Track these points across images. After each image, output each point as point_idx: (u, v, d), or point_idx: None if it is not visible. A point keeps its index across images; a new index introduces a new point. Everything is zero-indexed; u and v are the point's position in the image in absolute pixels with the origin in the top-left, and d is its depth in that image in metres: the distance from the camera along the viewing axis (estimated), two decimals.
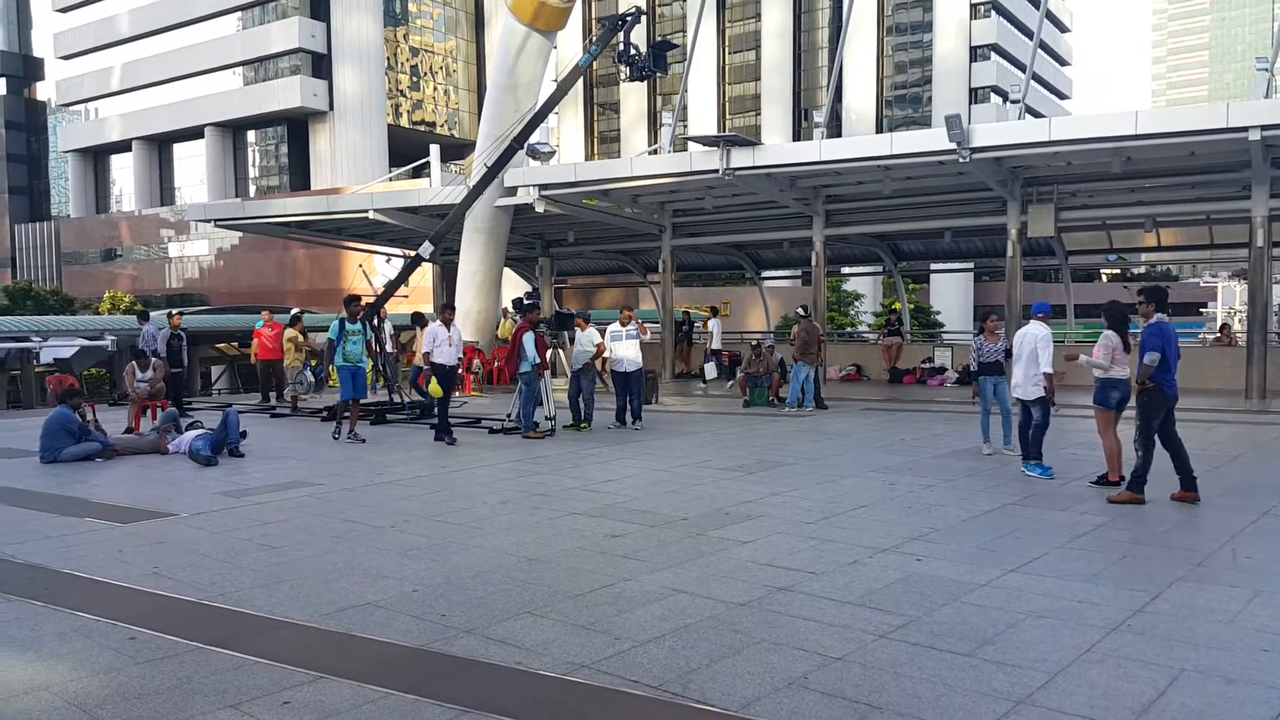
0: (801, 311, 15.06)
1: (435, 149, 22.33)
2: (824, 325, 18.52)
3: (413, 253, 16.71)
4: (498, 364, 18.58)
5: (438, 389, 11.34)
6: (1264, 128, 12.49)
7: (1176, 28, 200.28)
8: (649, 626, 4.50)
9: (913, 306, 35.08)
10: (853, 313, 47.09)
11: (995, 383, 9.96)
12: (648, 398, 14.20)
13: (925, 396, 16.77)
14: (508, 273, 23.47)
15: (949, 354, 20.15)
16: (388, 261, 27.10)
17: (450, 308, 12.53)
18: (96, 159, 72.97)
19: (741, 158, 15.77)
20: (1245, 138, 12.68)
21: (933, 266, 32.40)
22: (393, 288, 15.96)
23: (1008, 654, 4.13)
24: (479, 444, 11.17)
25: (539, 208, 17.78)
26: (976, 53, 61.22)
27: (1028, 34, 61.74)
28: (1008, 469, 8.91)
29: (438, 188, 20.25)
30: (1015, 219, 16.80)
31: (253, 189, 63.93)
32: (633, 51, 16.39)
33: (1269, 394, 15.17)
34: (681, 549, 5.99)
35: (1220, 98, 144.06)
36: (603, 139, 74.35)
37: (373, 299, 15.20)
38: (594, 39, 16.98)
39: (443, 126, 69.48)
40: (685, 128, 59.71)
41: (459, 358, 11.78)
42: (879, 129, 60.12)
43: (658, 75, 17.21)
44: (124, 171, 71.32)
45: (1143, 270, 55.87)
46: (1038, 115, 52.15)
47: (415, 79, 68.21)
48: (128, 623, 4.62)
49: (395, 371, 15.61)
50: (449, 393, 11.54)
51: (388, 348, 15.18)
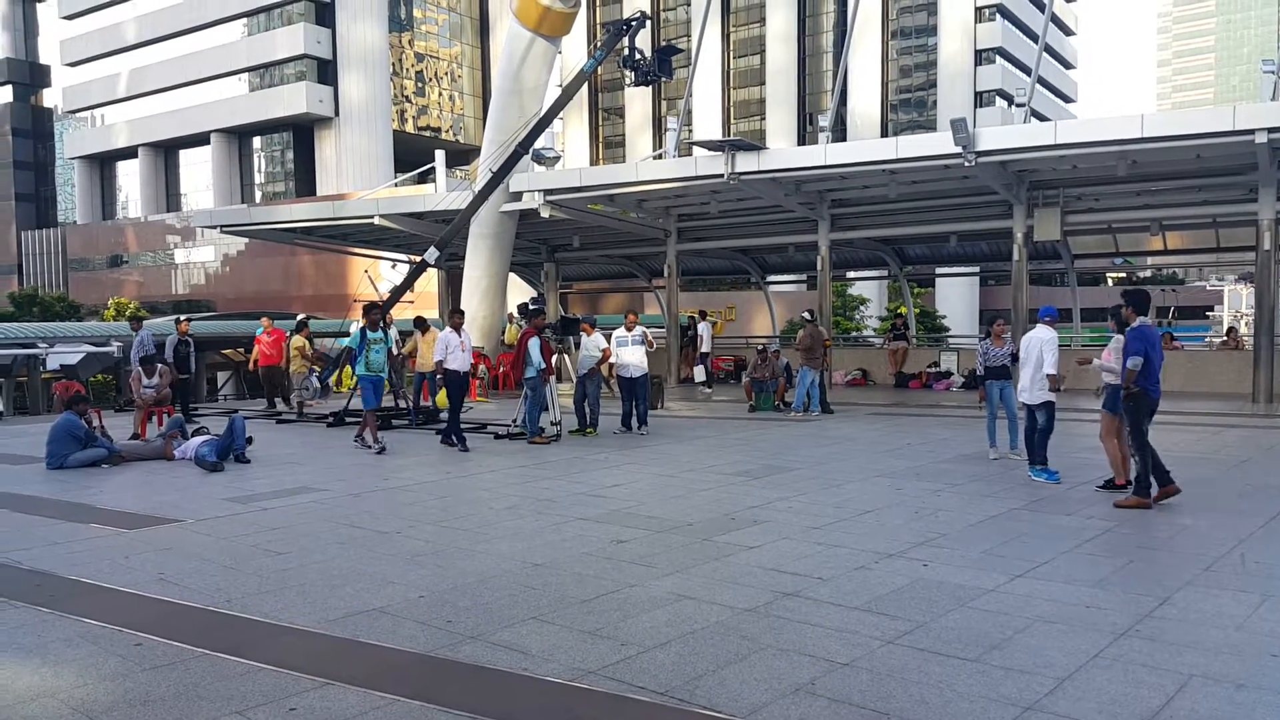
0: (807, 316, 15.06)
1: (440, 154, 22.43)
2: (829, 330, 18.50)
3: (418, 258, 16.76)
4: (503, 369, 18.60)
5: (443, 399, 11.30)
6: (1270, 130, 12.48)
7: (1182, 30, 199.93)
8: (655, 632, 4.49)
9: (918, 311, 35.00)
10: (858, 317, 47.03)
11: (1001, 387, 9.93)
12: (653, 403, 14.21)
13: (931, 401, 16.73)
14: (513, 278, 23.52)
15: (955, 358, 20.12)
16: (393, 267, 27.20)
17: (459, 313, 12.43)
18: (103, 165, 73.29)
19: (746, 162, 15.79)
20: (1252, 140, 12.67)
21: (938, 271, 32.37)
22: (398, 293, 16.00)
23: (1015, 660, 4.11)
24: (484, 449, 11.17)
25: (544, 213, 17.82)
26: (981, 56, 61.17)
27: (1032, 37, 61.72)
28: (1014, 473, 8.88)
29: (443, 193, 20.31)
30: (1021, 223, 16.78)
31: (259, 195, 64.14)
32: (637, 56, 16.43)
33: (1276, 398, 15.11)
34: (687, 554, 5.98)
35: (1226, 100, 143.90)
36: (608, 144, 74.45)
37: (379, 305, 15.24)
38: (599, 44, 17.02)
39: (448, 132, 69.66)
40: (690, 132, 59.69)
41: (470, 363, 11.75)
42: (884, 133, 60.08)
43: (662, 80, 17.23)
44: (130, 178, 71.60)
45: (1149, 274, 55.70)
46: (1043, 118, 52.26)
47: (420, 85, 68.41)
48: (133, 629, 4.63)
49: (401, 377, 15.64)
50: (461, 399, 11.52)
51: (393, 353, 15.20)
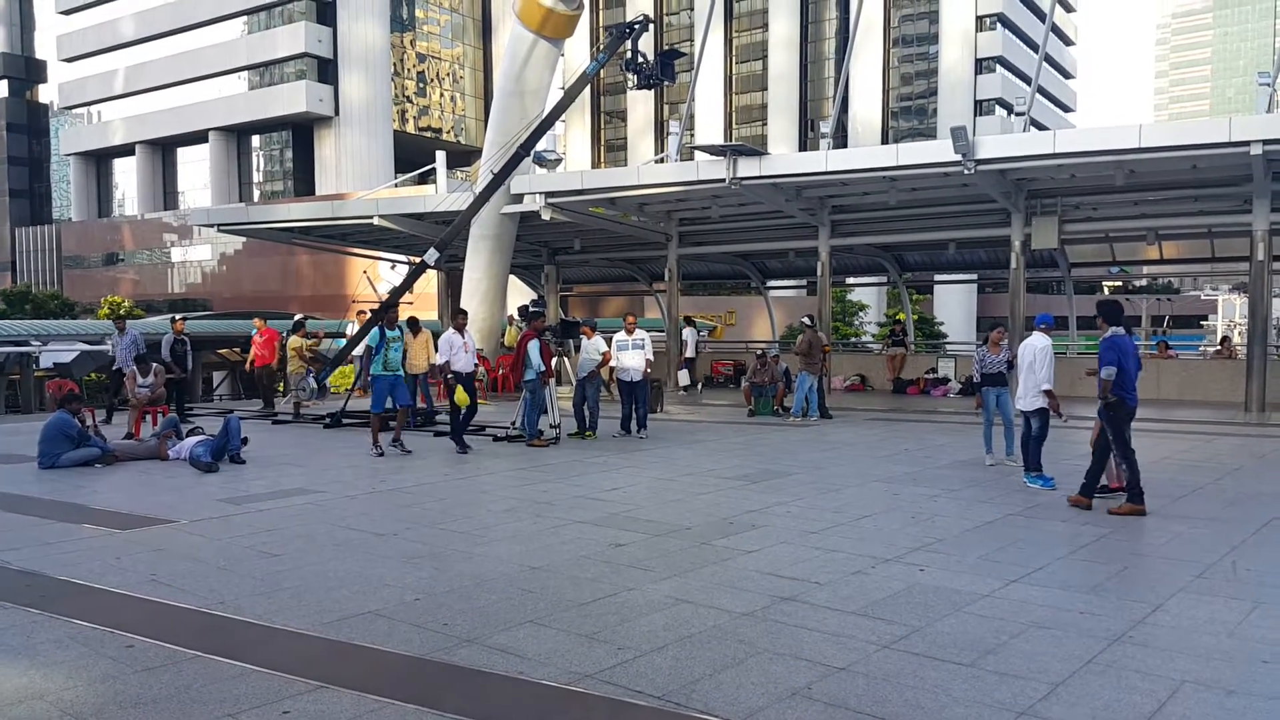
0: (807, 321, 15.08)
1: (441, 155, 22.39)
2: (829, 335, 18.53)
3: (418, 259, 16.73)
4: (502, 371, 18.58)
5: (464, 396, 11.21)
6: (1265, 142, 12.52)
7: (1180, 42, 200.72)
8: (652, 636, 4.49)
9: (916, 317, 35.07)
10: (857, 323, 47.12)
11: (998, 394, 9.96)
12: (653, 406, 14.20)
13: (929, 407, 16.76)
14: (513, 280, 23.50)
15: (952, 365, 20.14)
16: (393, 268, 27.14)
17: (463, 313, 12.35)
18: (99, 162, 73.12)
19: (748, 167, 15.80)
20: (1247, 152, 12.71)
21: (937, 278, 32.42)
22: (398, 294, 15.97)
23: (1010, 665, 4.12)
24: (483, 452, 11.15)
25: (545, 215, 17.81)
26: (982, 65, 61.40)
27: (1033, 46, 61.93)
28: (1010, 480, 8.90)
29: (443, 194, 20.29)
30: (1019, 231, 16.82)
31: (257, 194, 64.06)
32: (640, 60, 16.43)
33: (1268, 406, 15.16)
34: (685, 558, 5.98)
35: (1222, 112, 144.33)
36: (609, 147, 74.53)
37: (377, 306, 15.23)
38: (602, 47, 17.03)
39: (449, 133, 69.67)
40: (692, 137, 59.81)
41: (474, 364, 11.69)
42: (885, 140, 60.26)
43: (665, 84, 17.24)
44: (127, 175, 71.44)
45: (1144, 283, 55.86)
46: (1042, 128, 52.44)
47: (422, 85, 68.42)
48: (125, 631, 4.60)
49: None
50: (467, 400, 11.43)
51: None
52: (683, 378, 19.60)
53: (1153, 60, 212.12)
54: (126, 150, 69.30)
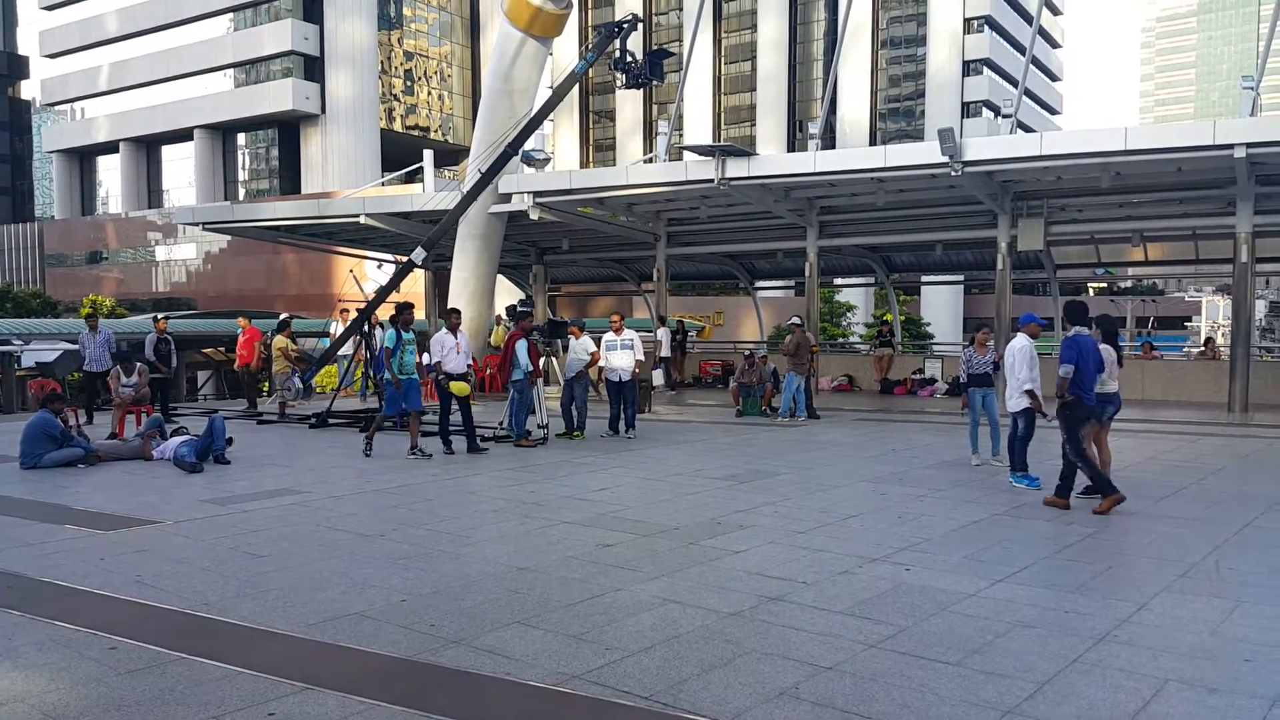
0: (796, 321, 15.11)
1: (429, 154, 22.28)
2: (816, 336, 18.58)
3: (405, 258, 16.66)
4: (490, 372, 18.52)
5: (464, 387, 11.02)
6: (1249, 145, 12.66)
7: (1165, 45, 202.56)
8: (640, 636, 4.49)
9: (904, 318, 35.24)
10: (845, 324, 47.30)
11: (984, 394, 10.01)
12: (641, 406, 14.20)
13: (916, 407, 16.83)
14: (501, 280, 23.43)
15: (939, 365, 20.25)
16: (379, 267, 27.01)
17: (455, 312, 12.08)
18: (82, 160, 72.45)
19: (736, 168, 15.83)
20: (1231, 155, 12.84)
21: (924, 279, 32.61)
22: (384, 294, 15.89)
23: (996, 664, 4.14)
24: (469, 452, 11.11)
25: (533, 215, 17.78)
26: (969, 67, 61.70)
27: (1020, 49, 62.27)
28: (996, 480, 8.94)
29: (431, 193, 20.22)
30: (1005, 232, 16.92)
31: (242, 192, 63.62)
32: (629, 59, 16.41)
33: (1251, 407, 15.31)
34: (673, 558, 5.98)
35: (1206, 115, 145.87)
36: (598, 147, 74.44)
37: (363, 305, 15.15)
38: (590, 46, 17.01)
39: (437, 132, 69.42)
40: (681, 137, 59.85)
41: (468, 364, 11.50)
42: (873, 141, 60.45)
43: (654, 83, 17.24)
44: (111, 173, 70.81)
45: (1129, 284, 56.35)
46: (1029, 130, 52.74)
47: (409, 83, 68.14)
48: (109, 632, 4.56)
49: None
50: (450, 401, 11.22)
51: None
52: (656, 377, 19.60)
53: (1138, 63, 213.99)
54: (110, 147, 68.70)
